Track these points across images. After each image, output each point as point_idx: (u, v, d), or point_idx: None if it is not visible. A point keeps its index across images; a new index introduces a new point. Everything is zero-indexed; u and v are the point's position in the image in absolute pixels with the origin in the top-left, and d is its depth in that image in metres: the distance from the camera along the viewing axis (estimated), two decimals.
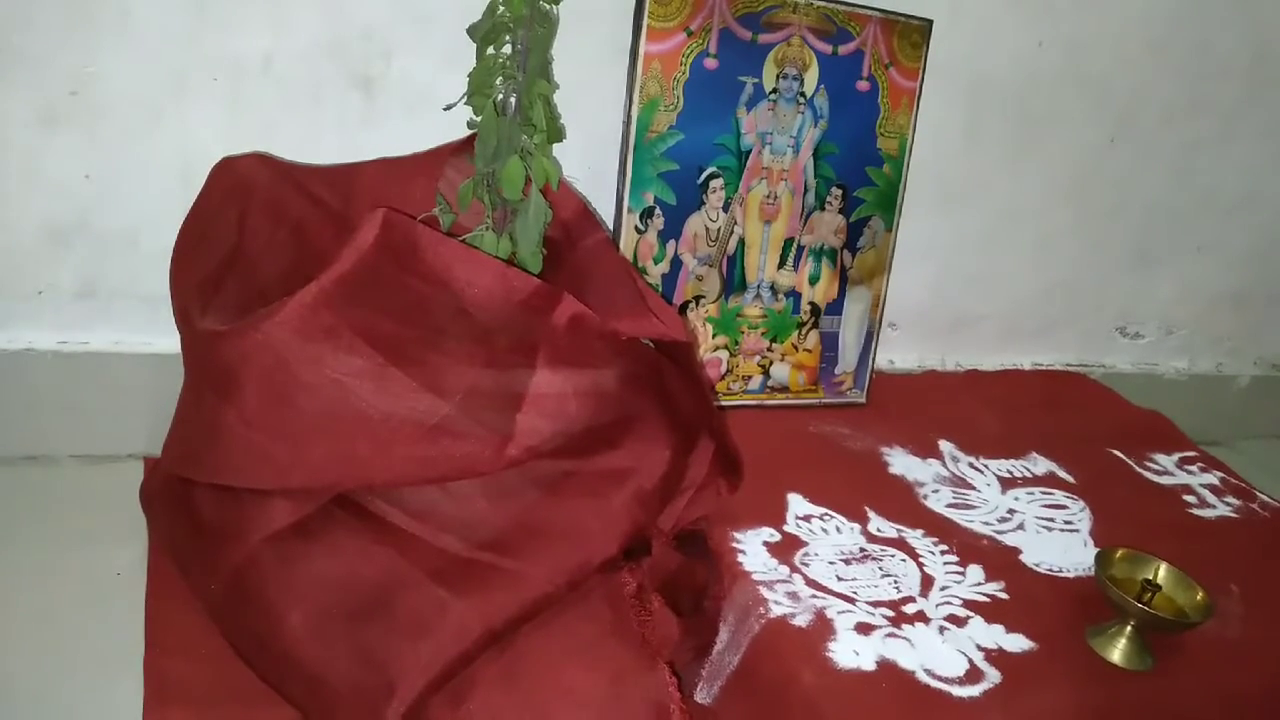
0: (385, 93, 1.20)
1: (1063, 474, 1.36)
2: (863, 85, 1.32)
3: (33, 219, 1.14)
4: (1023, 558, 1.15)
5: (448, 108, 1.06)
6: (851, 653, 0.94)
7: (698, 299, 1.32)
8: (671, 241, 1.28)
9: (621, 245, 1.24)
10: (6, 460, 1.18)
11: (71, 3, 1.06)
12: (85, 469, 1.20)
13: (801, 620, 0.97)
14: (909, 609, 1.02)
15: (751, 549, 1.07)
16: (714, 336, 1.34)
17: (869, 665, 0.93)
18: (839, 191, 1.35)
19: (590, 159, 1.26)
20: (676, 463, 1.04)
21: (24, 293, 1.17)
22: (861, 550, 1.10)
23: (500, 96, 1.04)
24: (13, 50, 1.06)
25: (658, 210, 1.26)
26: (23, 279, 1.16)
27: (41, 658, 0.94)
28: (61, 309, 1.18)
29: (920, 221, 1.47)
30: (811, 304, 1.39)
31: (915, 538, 1.14)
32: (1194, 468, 1.45)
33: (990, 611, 1.04)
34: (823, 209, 1.35)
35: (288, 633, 0.89)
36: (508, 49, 1.03)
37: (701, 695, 1.01)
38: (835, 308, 1.40)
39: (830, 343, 1.42)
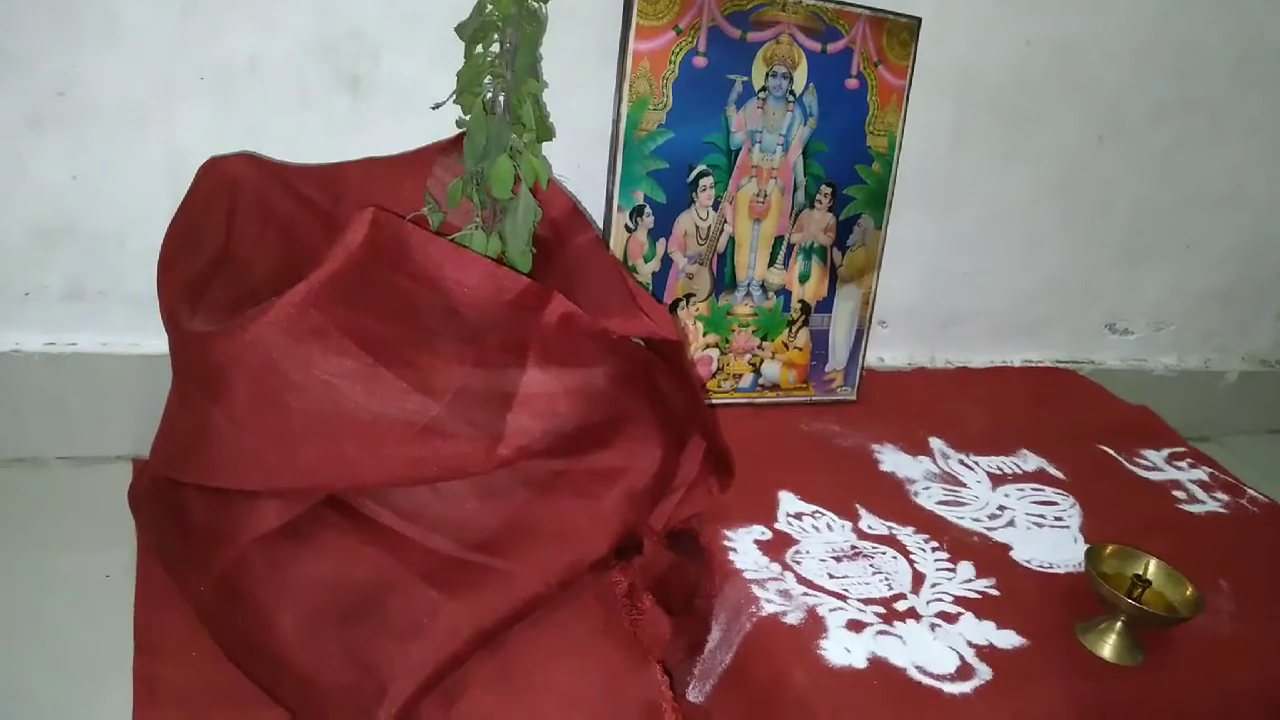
0: (373, 92, 1.19)
1: (1053, 470, 1.36)
2: (852, 83, 1.33)
3: (19, 221, 1.13)
4: (1013, 554, 1.15)
5: (436, 106, 1.05)
6: (843, 650, 0.94)
7: (688, 297, 1.32)
8: (661, 240, 1.27)
9: (611, 244, 1.24)
10: None
11: (58, 3, 1.06)
12: (73, 471, 1.20)
13: (793, 618, 0.97)
14: (900, 606, 1.02)
15: (743, 547, 1.07)
16: (704, 335, 1.34)
17: (860, 663, 0.94)
18: (828, 189, 1.35)
19: (579, 157, 1.26)
20: (668, 461, 1.04)
21: (11, 294, 1.16)
22: (853, 548, 1.11)
23: (489, 95, 1.04)
24: None
25: (647, 209, 1.25)
26: (10, 281, 1.16)
27: (30, 661, 0.94)
28: (49, 310, 1.18)
29: (910, 219, 1.47)
30: (802, 302, 1.39)
31: (906, 535, 1.15)
32: (1183, 463, 1.46)
33: (981, 608, 1.04)
34: (812, 207, 1.35)
35: (278, 634, 0.88)
36: (496, 47, 1.03)
37: (693, 694, 1.00)
38: (825, 306, 1.41)
39: (820, 340, 1.42)
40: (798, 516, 1.14)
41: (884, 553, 1.11)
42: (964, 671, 0.95)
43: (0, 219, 1.13)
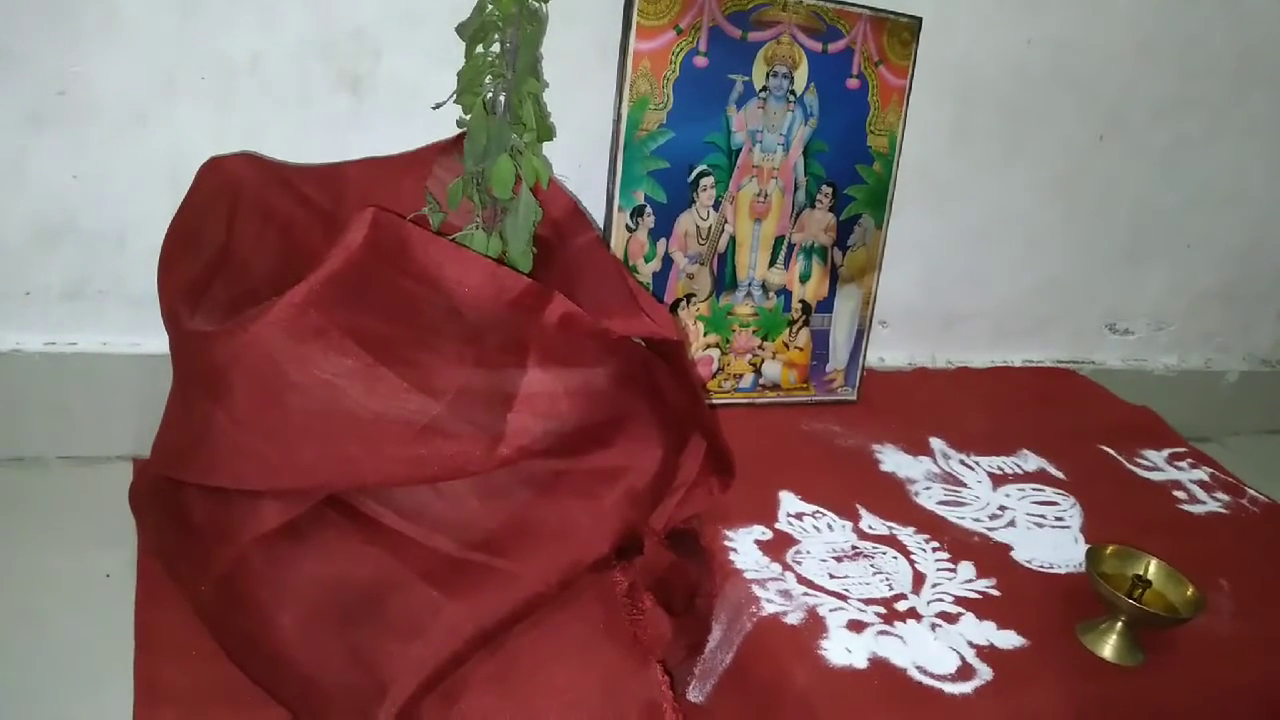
0: (374, 92, 1.19)
1: (1053, 470, 1.36)
2: (853, 83, 1.33)
3: (20, 220, 1.13)
4: (1014, 554, 1.15)
5: (437, 106, 1.05)
6: (844, 650, 0.94)
7: (689, 297, 1.32)
8: (662, 240, 1.27)
9: (612, 244, 1.24)
10: None
11: (58, 2, 1.06)
12: (73, 470, 1.20)
13: (794, 618, 0.97)
14: (901, 606, 1.02)
15: (743, 547, 1.07)
16: (705, 335, 1.34)
17: (861, 663, 0.94)
18: (829, 189, 1.35)
19: (580, 157, 1.26)
20: (668, 461, 1.04)
21: (11, 294, 1.16)
22: (853, 548, 1.11)
23: (489, 95, 1.04)
24: None
25: (648, 209, 1.25)
26: (10, 280, 1.16)
27: (31, 660, 0.94)
28: (49, 310, 1.18)
29: (910, 219, 1.47)
30: (802, 302, 1.39)
31: (906, 535, 1.15)
32: (1184, 464, 1.46)
33: (982, 608, 1.04)
34: (813, 207, 1.35)
35: (279, 634, 0.88)
36: (497, 47, 1.03)
37: (694, 694, 1.00)
38: (826, 305, 1.41)
39: (821, 340, 1.42)
40: (798, 516, 1.14)
41: (884, 553, 1.10)
42: (964, 672, 0.95)
43: (0, 219, 1.13)
